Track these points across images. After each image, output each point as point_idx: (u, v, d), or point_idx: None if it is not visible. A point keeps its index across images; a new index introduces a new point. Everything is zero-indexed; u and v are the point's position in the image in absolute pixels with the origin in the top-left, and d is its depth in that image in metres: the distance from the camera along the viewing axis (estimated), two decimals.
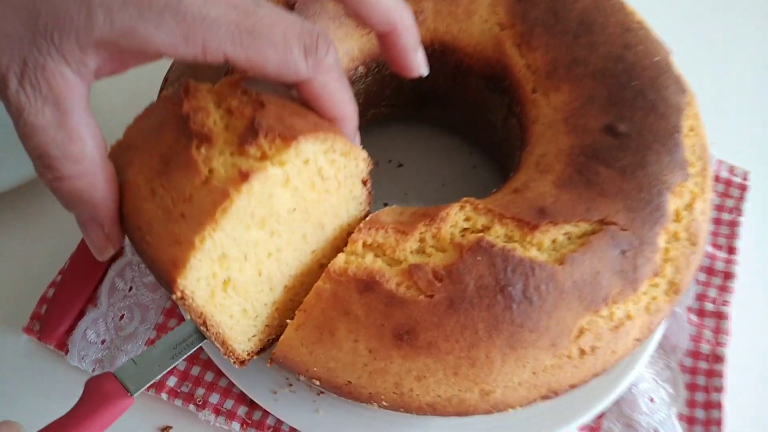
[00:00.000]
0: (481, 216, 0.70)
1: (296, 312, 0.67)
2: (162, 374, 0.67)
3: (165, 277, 0.58)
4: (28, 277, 0.92)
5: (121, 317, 0.90)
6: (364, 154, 0.68)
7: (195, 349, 0.69)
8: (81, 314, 0.90)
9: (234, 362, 0.69)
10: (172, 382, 0.86)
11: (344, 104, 0.64)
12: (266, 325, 0.69)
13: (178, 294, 0.58)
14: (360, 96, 0.90)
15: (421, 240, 0.68)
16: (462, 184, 0.98)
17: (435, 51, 0.86)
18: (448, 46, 0.85)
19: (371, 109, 0.96)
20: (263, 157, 0.56)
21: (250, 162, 0.55)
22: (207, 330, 0.64)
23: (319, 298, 0.66)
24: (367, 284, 0.65)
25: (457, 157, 1.01)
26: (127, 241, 0.83)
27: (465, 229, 0.69)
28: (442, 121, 1.01)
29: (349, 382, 0.67)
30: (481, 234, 0.67)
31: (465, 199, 0.71)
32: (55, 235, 0.96)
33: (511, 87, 0.83)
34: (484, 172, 1.00)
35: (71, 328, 0.89)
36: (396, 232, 0.68)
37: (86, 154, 0.54)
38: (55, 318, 0.88)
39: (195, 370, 0.87)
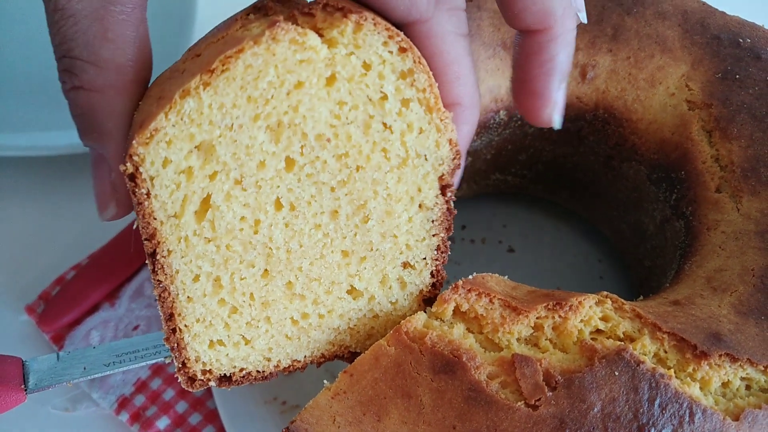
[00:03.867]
0: (626, 320, 0.49)
1: (340, 374, 0.48)
2: (82, 380, 0.52)
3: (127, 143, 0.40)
4: (56, 252, 0.79)
5: (136, 327, 0.74)
6: (453, 133, 0.46)
7: (141, 364, 0.53)
8: (93, 310, 0.75)
9: (180, 376, 0.50)
10: (162, 424, 0.68)
11: (463, 65, 0.45)
12: (243, 336, 0.50)
13: (128, 166, 0.39)
14: (489, 151, 0.74)
15: (537, 327, 0.49)
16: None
17: (596, 119, 0.69)
18: (615, 115, 0.68)
19: (496, 173, 0.79)
20: (312, 27, 0.40)
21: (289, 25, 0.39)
22: (156, 280, 0.44)
23: (376, 363, 0.47)
24: (448, 364, 0.46)
25: (582, 261, 0.81)
26: None
27: (599, 331, 0.49)
28: (575, 211, 0.82)
29: None
30: (622, 343, 0.47)
31: (605, 293, 0.52)
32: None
33: (687, 181, 0.64)
34: (611, 285, 0.80)
35: (77, 321, 0.74)
36: (505, 307, 0.49)
37: (117, 61, 0.40)
38: (63, 304, 0.73)
39: (194, 419, 0.68)
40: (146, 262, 0.45)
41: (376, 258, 0.49)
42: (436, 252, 0.51)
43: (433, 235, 0.50)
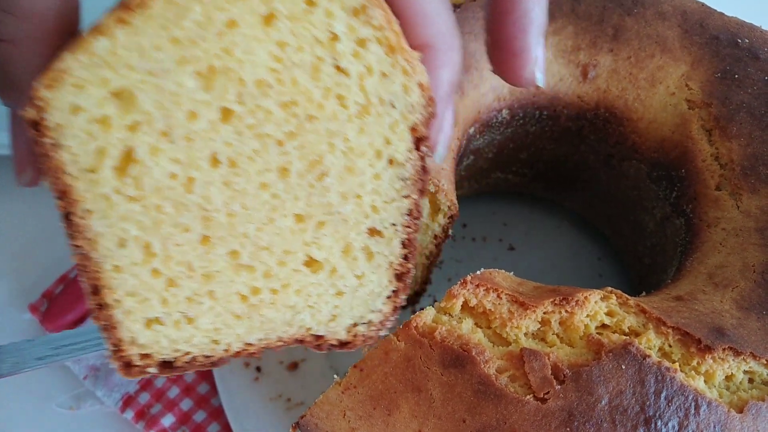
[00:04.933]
0: (631, 315, 0.50)
1: (350, 369, 0.49)
2: (12, 374, 0.49)
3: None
4: (59, 250, 0.79)
5: None
6: (423, 76, 0.40)
7: (79, 356, 0.50)
8: None
9: (114, 361, 0.44)
10: (167, 421, 0.68)
11: (441, 23, 0.40)
12: (184, 314, 0.44)
13: (30, 111, 0.35)
14: (491, 150, 0.75)
15: (544, 322, 0.49)
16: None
17: (597, 118, 0.70)
18: (616, 114, 0.69)
19: (497, 172, 0.80)
20: None
21: None
22: (74, 245, 0.39)
23: (386, 358, 0.48)
24: (458, 358, 0.46)
25: (581, 259, 0.82)
26: None
27: (604, 326, 0.50)
28: (574, 210, 0.83)
29: None
30: (628, 338, 0.48)
31: (609, 288, 0.52)
32: None
33: (687, 179, 0.65)
34: (610, 283, 0.80)
35: (80, 320, 0.74)
36: (512, 302, 0.50)
37: (36, 9, 0.35)
38: (67, 302, 0.73)
39: (199, 416, 0.69)
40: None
41: (337, 223, 0.43)
42: (407, 217, 0.44)
43: (405, 197, 0.43)
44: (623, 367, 0.46)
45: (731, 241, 0.59)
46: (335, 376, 0.50)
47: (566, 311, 0.49)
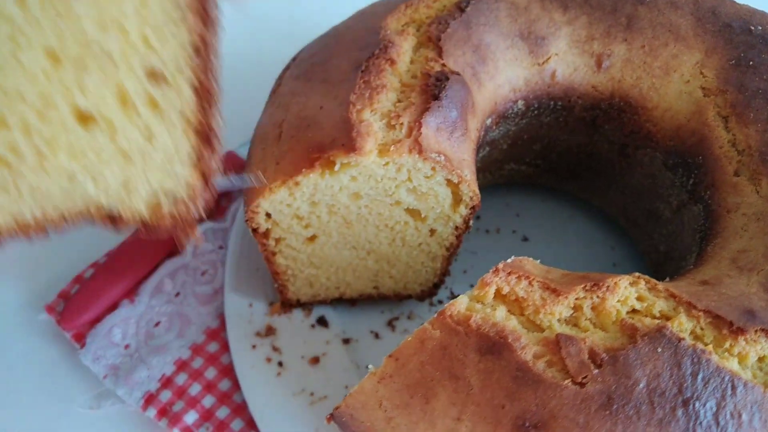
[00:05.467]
0: (661, 300, 0.51)
1: (385, 359, 0.49)
2: None
3: None
4: (73, 250, 0.78)
5: (157, 324, 0.74)
6: None
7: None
8: (113, 307, 0.74)
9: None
10: (190, 419, 0.67)
11: None
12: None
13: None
14: (506, 141, 0.75)
15: (576, 308, 0.50)
16: None
17: (612, 107, 0.70)
18: (630, 103, 0.69)
19: (511, 163, 0.80)
20: None
21: None
22: None
23: (422, 346, 0.48)
24: (494, 345, 0.47)
25: (595, 249, 0.83)
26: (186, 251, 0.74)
27: (634, 311, 0.50)
28: (589, 200, 0.84)
29: None
30: (661, 321, 0.48)
31: (637, 274, 0.53)
32: None
33: (704, 166, 0.65)
34: (625, 272, 0.81)
35: (97, 319, 0.73)
36: (544, 289, 0.50)
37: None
38: (83, 302, 0.73)
39: (222, 413, 0.68)
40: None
41: (103, 62, 0.35)
42: (194, 55, 0.37)
43: (182, 23, 0.36)
44: (659, 350, 0.46)
45: (753, 226, 0.59)
46: (369, 366, 0.50)
47: (598, 297, 0.50)
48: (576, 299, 0.50)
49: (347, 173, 0.58)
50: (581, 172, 0.80)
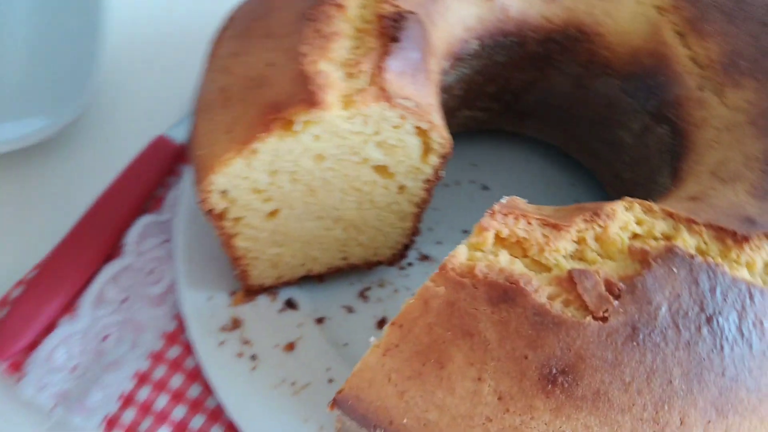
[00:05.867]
0: (659, 220, 0.48)
1: (387, 327, 0.44)
2: None
3: None
4: None
5: (106, 337, 0.66)
6: None
7: None
8: (51, 327, 0.66)
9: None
10: None
11: None
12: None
13: None
14: (461, 86, 0.71)
15: (580, 241, 0.46)
16: None
17: (567, 38, 0.67)
18: (585, 31, 0.67)
19: (464, 110, 0.76)
20: None
21: None
22: None
23: (426, 307, 0.43)
24: (506, 293, 0.43)
25: (555, 188, 0.81)
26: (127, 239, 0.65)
27: (635, 236, 0.48)
28: (546, 140, 0.81)
29: None
30: (669, 242, 0.46)
31: (628, 198, 0.50)
32: (43, 215, 0.73)
33: (666, 85, 0.64)
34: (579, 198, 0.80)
35: (34, 344, 0.64)
36: (544, 226, 0.46)
37: None
38: (15, 326, 0.64)
39: (197, 422, 0.62)
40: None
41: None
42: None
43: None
44: (674, 270, 0.43)
45: (725, 138, 0.58)
46: (371, 339, 0.45)
47: (599, 226, 0.47)
48: (578, 232, 0.46)
49: (309, 132, 0.52)
50: (537, 110, 0.78)
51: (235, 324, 0.65)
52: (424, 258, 0.74)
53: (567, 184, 0.81)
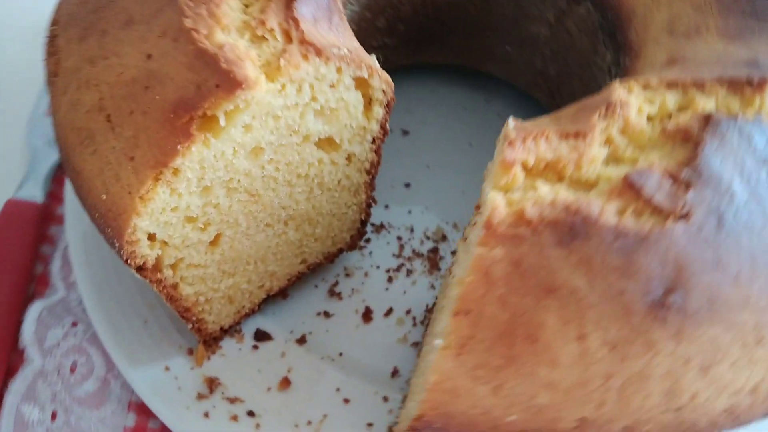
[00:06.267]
0: (667, 93, 0.42)
1: (450, 320, 0.35)
2: None
3: None
4: None
5: None
6: None
7: None
8: None
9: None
10: None
11: None
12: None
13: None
14: (351, 28, 0.61)
15: (608, 141, 0.39)
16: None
17: None
18: None
19: None
20: None
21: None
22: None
23: (488, 279, 0.35)
24: (572, 227, 0.35)
25: (473, 109, 0.75)
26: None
27: (650, 118, 0.42)
28: (451, 61, 0.74)
29: (583, 419, 0.35)
30: (701, 112, 0.40)
31: (616, 80, 0.44)
32: None
33: None
34: (518, 115, 0.74)
35: None
36: (565, 138, 0.39)
37: None
38: None
39: None
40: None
41: None
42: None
43: None
44: (726, 137, 0.38)
45: None
46: (437, 342, 0.35)
47: (621, 117, 0.40)
48: (603, 132, 0.39)
49: (237, 124, 0.40)
50: (436, 35, 0.70)
51: (211, 385, 0.52)
52: (380, 228, 0.65)
53: (482, 101, 0.75)
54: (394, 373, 0.56)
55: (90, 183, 0.40)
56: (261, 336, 0.56)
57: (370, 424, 0.53)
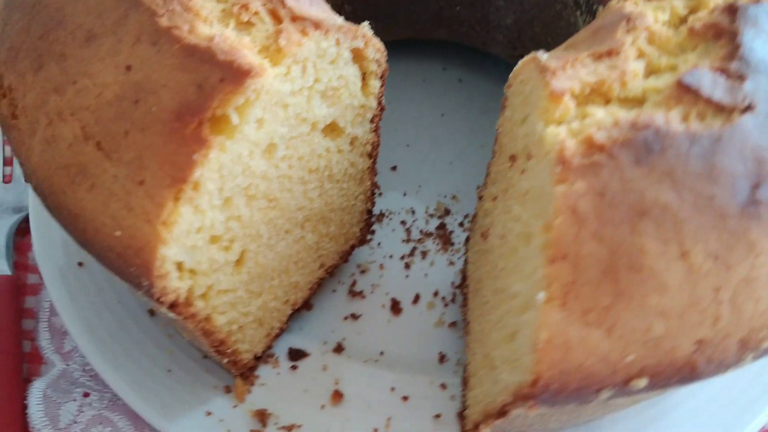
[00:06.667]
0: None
1: (546, 268, 0.32)
2: None
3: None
4: None
5: None
6: None
7: None
8: None
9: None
10: None
11: None
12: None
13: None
14: None
15: (641, 54, 0.38)
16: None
17: None
18: None
19: None
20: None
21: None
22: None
23: (577, 216, 0.32)
24: (646, 143, 0.33)
25: (432, 79, 0.72)
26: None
27: (670, 25, 0.40)
28: (399, 36, 0.71)
29: (700, 341, 0.33)
30: (718, 3, 0.39)
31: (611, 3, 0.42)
32: None
33: None
34: (488, 74, 0.73)
35: None
36: (600, 59, 0.37)
37: None
38: None
39: None
40: None
41: None
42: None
43: None
44: (759, 21, 0.37)
45: None
46: (539, 296, 0.32)
47: (642, 28, 0.38)
48: (632, 45, 0.38)
49: (251, 119, 0.36)
50: (378, 9, 0.66)
51: (262, 418, 0.47)
52: (381, 217, 0.62)
53: (440, 70, 0.74)
54: (442, 358, 0.53)
55: (95, 223, 0.35)
56: (296, 355, 0.51)
57: (437, 416, 0.49)
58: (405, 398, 0.50)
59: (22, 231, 0.59)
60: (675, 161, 0.33)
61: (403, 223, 0.62)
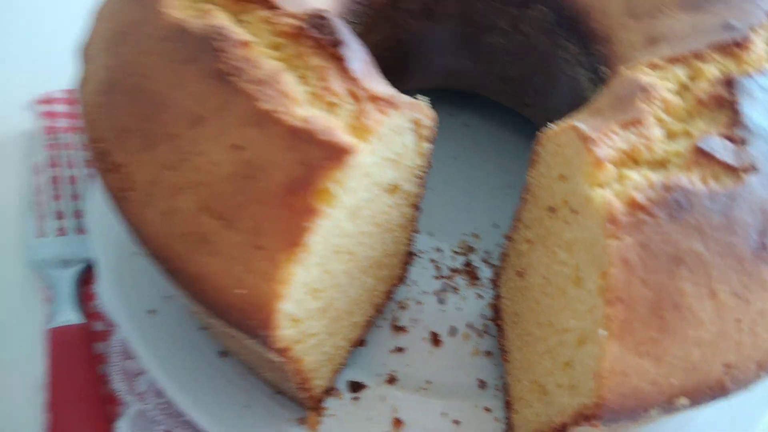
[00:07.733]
0: (674, 69, 0.49)
1: (605, 308, 0.39)
2: None
3: None
4: None
5: None
6: None
7: None
8: None
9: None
10: None
11: None
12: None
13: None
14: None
15: (659, 121, 0.45)
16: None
17: None
18: None
19: None
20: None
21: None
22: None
23: (627, 265, 0.39)
24: (677, 202, 0.40)
25: (440, 124, 0.79)
26: None
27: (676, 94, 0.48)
28: (408, 87, 0.78)
29: (727, 364, 0.41)
30: (718, 77, 0.47)
31: (628, 67, 0.50)
32: None
33: None
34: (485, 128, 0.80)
35: None
36: (626, 127, 0.44)
37: None
38: None
39: None
40: None
41: None
42: None
43: None
44: (753, 93, 0.45)
45: None
46: (600, 332, 0.39)
47: (656, 101, 0.46)
48: (650, 114, 0.45)
49: (347, 191, 0.42)
50: (389, 66, 0.73)
51: None
52: (409, 256, 0.68)
53: (447, 116, 0.81)
54: (482, 384, 0.60)
55: (217, 284, 0.40)
56: (356, 387, 0.57)
57: None
58: (456, 422, 0.56)
59: (80, 281, 0.63)
60: (701, 216, 0.40)
61: (432, 261, 0.68)
